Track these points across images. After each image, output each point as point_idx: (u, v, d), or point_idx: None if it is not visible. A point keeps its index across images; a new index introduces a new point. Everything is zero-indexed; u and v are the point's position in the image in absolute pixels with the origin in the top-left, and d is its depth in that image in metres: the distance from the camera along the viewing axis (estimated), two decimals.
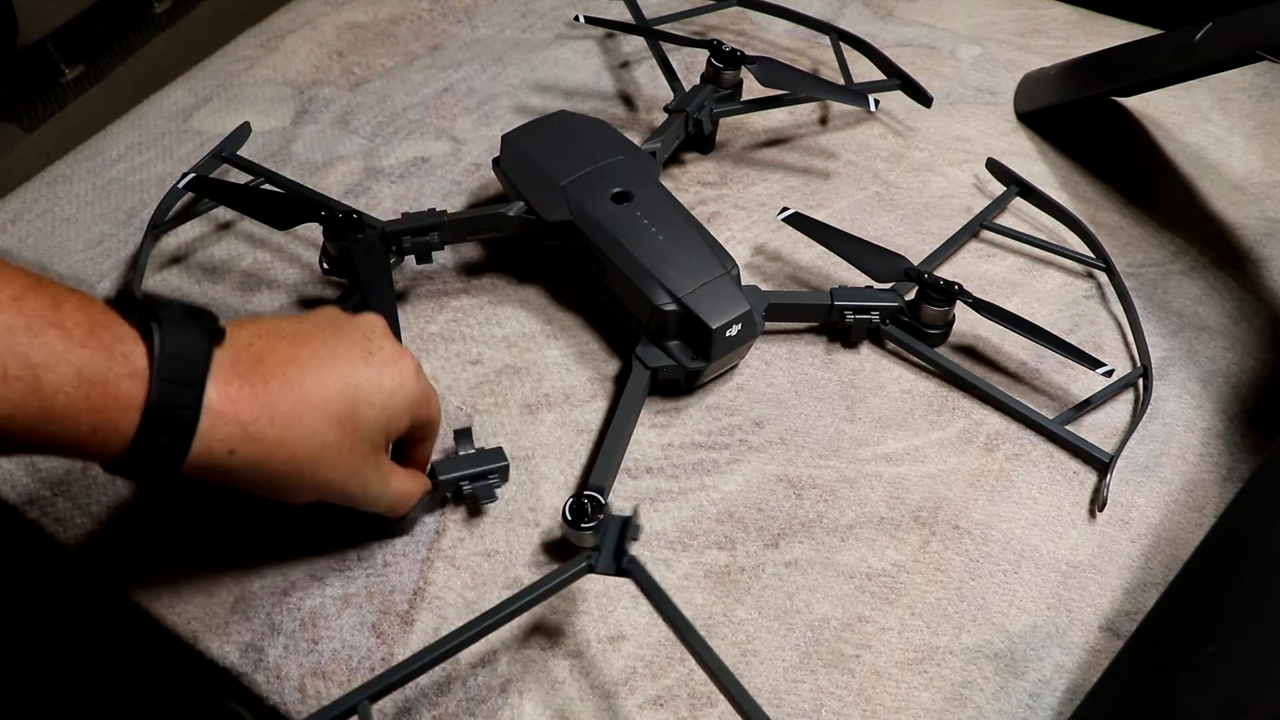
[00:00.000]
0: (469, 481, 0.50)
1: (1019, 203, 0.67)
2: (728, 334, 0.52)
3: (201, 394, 0.36)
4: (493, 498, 0.50)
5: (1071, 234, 0.65)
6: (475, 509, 0.51)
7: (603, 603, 0.48)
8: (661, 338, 0.53)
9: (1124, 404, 0.56)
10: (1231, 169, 0.70)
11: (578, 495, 0.46)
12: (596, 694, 0.45)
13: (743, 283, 0.55)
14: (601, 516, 0.45)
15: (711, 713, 0.44)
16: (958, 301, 0.56)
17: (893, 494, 0.52)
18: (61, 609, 0.65)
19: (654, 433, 0.54)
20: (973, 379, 0.56)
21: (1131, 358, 0.58)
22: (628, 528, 0.45)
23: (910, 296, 0.57)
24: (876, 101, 0.68)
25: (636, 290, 0.53)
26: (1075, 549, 0.50)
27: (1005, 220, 0.66)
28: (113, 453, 0.35)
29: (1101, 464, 0.52)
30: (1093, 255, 0.63)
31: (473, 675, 0.45)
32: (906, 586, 0.48)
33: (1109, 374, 0.54)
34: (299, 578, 0.48)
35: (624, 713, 0.44)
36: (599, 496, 0.46)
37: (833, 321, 0.58)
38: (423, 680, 0.45)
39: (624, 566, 0.44)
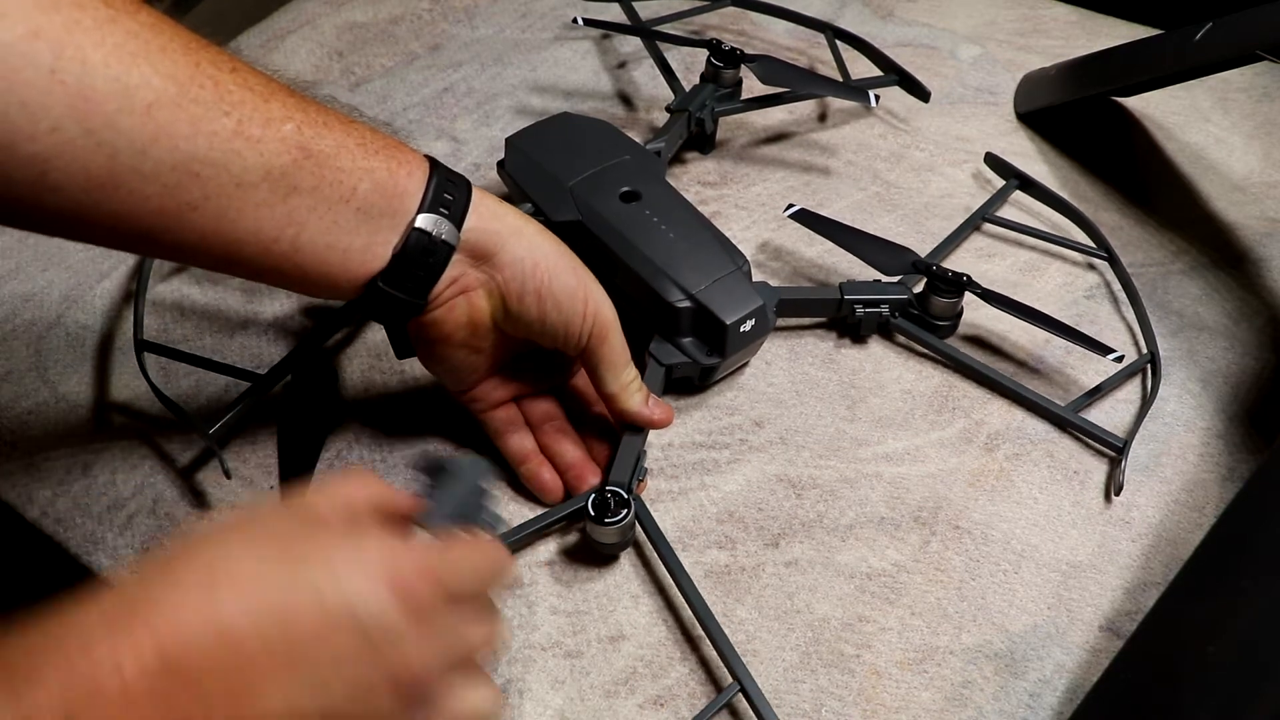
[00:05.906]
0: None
1: (1018, 198, 0.67)
2: (742, 329, 0.52)
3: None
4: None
5: (1072, 226, 0.65)
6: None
7: (603, 603, 0.48)
8: (675, 335, 0.53)
9: (1127, 404, 0.56)
10: (1231, 169, 0.70)
11: (600, 491, 0.46)
12: (596, 694, 0.45)
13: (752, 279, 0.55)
14: (625, 511, 0.46)
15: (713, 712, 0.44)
16: (964, 295, 0.56)
17: (893, 494, 0.52)
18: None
19: (654, 433, 0.54)
20: (984, 369, 0.56)
21: (1137, 347, 0.58)
22: (636, 468, 0.49)
23: (919, 289, 0.58)
24: (877, 97, 0.68)
25: (648, 288, 0.53)
26: (1075, 549, 0.50)
27: (1005, 215, 0.66)
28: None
29: (1116, 449, 0.53)
30: (1094, 245, 0.63)
31: None
32: (906, 586, 0.48)
33: (1119, 359, 0.54)
34: None
35: (624, 713, 0.44)
36: (621, 492, 0.46)
37: (842, 316, 0.58)
38: None
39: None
